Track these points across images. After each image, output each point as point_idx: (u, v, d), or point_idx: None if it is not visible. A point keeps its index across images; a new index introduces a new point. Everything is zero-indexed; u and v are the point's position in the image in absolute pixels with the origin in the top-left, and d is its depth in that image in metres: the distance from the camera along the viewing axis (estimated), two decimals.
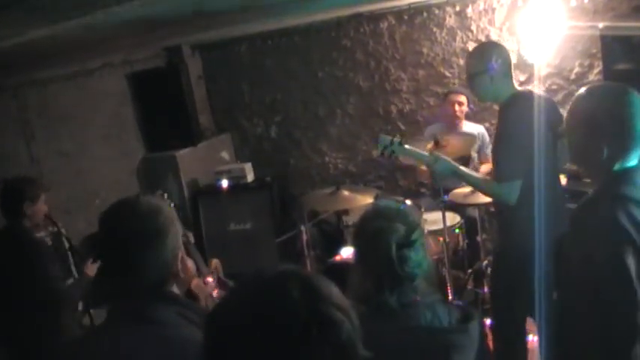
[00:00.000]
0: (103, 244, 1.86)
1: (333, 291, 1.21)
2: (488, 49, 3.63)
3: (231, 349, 1.14)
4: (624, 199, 2.08)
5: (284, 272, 1.22)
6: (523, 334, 3.60)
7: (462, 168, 3.65)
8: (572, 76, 5.67)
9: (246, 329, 1.13)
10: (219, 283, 3.82)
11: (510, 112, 3.45)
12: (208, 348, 1.19)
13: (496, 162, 3.51)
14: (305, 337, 1.10)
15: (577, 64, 5.64)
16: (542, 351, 2.96)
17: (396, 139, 3.71)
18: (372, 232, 2.09)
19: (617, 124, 2.15)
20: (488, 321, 4.31)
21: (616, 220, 2.03)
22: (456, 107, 5.60)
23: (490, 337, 3.23)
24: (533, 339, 3.86)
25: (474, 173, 3.79)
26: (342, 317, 1.16)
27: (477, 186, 3.71)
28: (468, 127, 5.70)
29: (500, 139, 3.49)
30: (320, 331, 1.12)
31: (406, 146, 3.71)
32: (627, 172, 2.15)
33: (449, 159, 3.63)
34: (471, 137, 5.47)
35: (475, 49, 4.02)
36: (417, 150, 3.81)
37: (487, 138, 5.67)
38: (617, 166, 2.15)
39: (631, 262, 1.98)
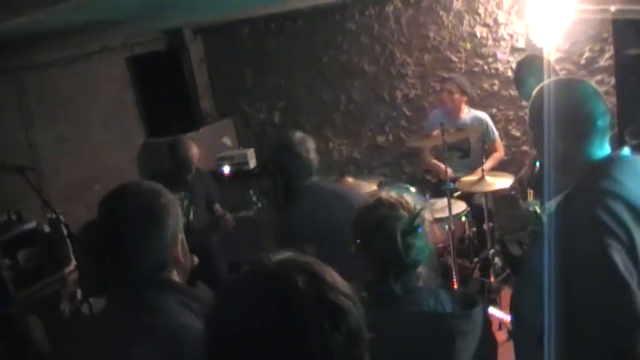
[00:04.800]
0: (102, 226, 1.81)
1: (336, 277, 1.17)
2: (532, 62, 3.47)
3: (239, 350, 1.10)
4: (600, 194, 1.96)
5: (285, 262, 1.17)
6: None
7: None
8: (583, 61, 5.54)
9: (255, 329, 1.09)
10: None
11: None
12: (213, 350, 1.14)
13: None
14: (317, 328, 1.07)
15: (587, 48, 5.50)
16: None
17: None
18: (376, 220, 2.04)
19: (563, 114, 2.05)
20: (495, 311, 4.28)
21: (594, 215, 1.91)
22: (445, 95, 5.52)
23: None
24: None
25: None
26: (349, 304, 1.13)
27: None
28: (470, 114, 5.56)
29: None
30: (331, 320, 1.09)
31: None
32: (601, 166, 2.04)
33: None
34: (470, 127, 5.40)
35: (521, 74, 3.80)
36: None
37: (490, 124, 5.56)
38: (585, 159, 2.05)
39: (617, 255, 1.85)
